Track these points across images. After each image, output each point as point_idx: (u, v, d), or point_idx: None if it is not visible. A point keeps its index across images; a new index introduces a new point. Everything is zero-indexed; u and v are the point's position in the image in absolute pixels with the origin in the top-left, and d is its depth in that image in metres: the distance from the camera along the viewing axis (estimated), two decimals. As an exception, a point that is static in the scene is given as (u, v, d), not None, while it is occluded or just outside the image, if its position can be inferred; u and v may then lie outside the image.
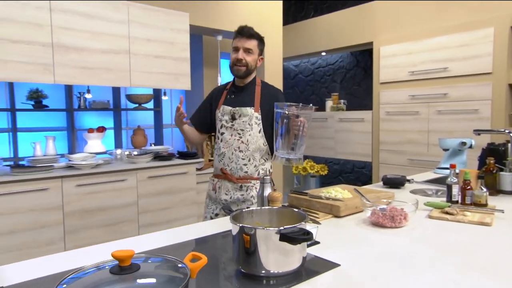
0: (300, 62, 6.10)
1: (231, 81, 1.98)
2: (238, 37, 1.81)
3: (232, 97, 1.91)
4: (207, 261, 0.84)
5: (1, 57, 2.56)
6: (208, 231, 1.36)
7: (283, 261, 0.92)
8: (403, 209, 1.38)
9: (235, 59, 1.81)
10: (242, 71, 1.82)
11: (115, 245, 1.22)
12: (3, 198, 2.50)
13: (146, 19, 3.19)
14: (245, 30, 1.80)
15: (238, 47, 1.80)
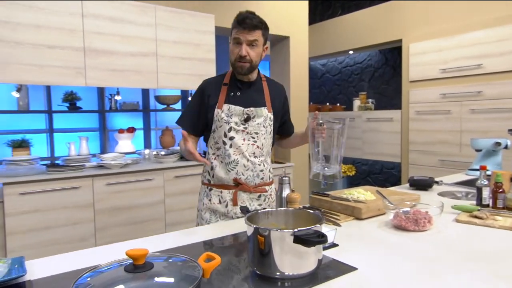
0: (327, 61, 6.03)
1: (227, 73, 1.69)
2: (238, 27, 1.51)
3: (238, 94, 1.63)
4: (220, 262, 0.85)
5: (38, 62, 2.70)
6: (225, 232, 1.37)
7: (298, 263, 0.92)
8: (427, 212, 1.34)
9: (237, 55, 1.54)
10: (245, 67, 1.56)
11: (136, 243, 1.26)
12: (39, 196, 2.64)
13: (172, 21, 3.26)
14: (247, 22, 1.49)
15: (240, 40, 1.52)
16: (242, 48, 1.52)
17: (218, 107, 1.61)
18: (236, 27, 1.52)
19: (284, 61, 4.27)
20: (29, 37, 2.65)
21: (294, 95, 4.23)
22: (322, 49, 5.48)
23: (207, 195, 1.68)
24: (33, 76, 2.68)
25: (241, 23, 1.50)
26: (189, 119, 1.68)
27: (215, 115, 1.61)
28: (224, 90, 1.64)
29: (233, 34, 1.55)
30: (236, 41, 1.54)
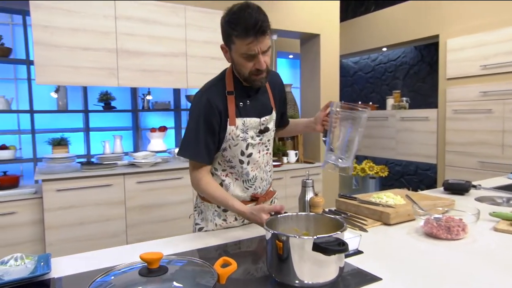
0: (359, 59, 5.87)
1: (226, 78, 1.36)
2: (248, 38, 1.17)
3: (248, 102, 1.37)
4: (236, 267, 0.84)
5: (74, 64, 2.81)
6: (243, 235, 1.35)
7: (317, 272, 0.88)
8: (461, 220, 1.25)
9: (252, 68, 1.25)
10: (264, 79, 1.30)
11: (156, 243, 1.27)
12: (74, 192, 2.75)
13: (202, 21, 3.28)
14: (259, 26, 1.16)
15: (255, 52, 1.20)
16: (260, 61, 1.22)
17: (231, 124, 1.33)
18: (244, 37, 1.17)
19: (314, 59, 4.19)
20: (66, 40, 2.77)
21: (324, 94, 4.15)
22: (354, 46, 5.34)
23: (219, 215, 1.46)
24: (69, 77, 2.80)
25: (252, 30, 1.16)
26: (204, 149, 1.32)
27: (228, 133, 1.33)
28: (232, 100, 1.33)
29: (239, 45, 1.20)
30: (248, 55, 1.22)
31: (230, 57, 1.29)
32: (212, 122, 1.31)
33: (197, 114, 1.32)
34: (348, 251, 0.85)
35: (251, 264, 1.10)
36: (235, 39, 1.20)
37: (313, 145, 4.28)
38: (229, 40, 1.23)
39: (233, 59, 1.28)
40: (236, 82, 1.35)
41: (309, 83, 4.29)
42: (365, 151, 5.13)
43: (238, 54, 1.23)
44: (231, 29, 1.19)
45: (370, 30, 5.07)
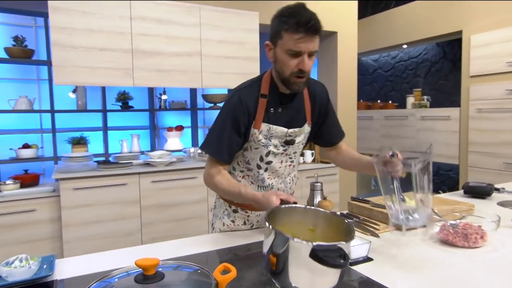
0: (379, 56, 5.74)
1: (263, 80, 1.33)
2: (298, 34, 1.13)
3: (279, 110, 1.32)
4: (236, 275, 0.81)
5: (91, 64, 2.85)
6: (249, 240, 1.33)
7: (313, 280, 0.83)
8: (480, 226, 1.19)
9: (295, 68, 1.20)
10: (303, 83, 1.25)
11: (161, 246, 1.26)
12: (90, 191, 2.79)
13: (216, 21, 3.27)
14: (311, 24, 1.13)
15: (301, 50, 1.16)
16: (304, 61, 1.18)
17: (255, 127, 1.30)
18: (295, 32, 1.14)
19: (331, 57, 4.12)
20: (83, 41, 2.81)
21: (341, 92, 4.08)
22: (374, 43, 5.22)
23: (229, 215, 1.44)
24: (85, 77, 2.84)
25: (303, 26, 1.13)
26: (225, 150, 1.29)
27: (251, 135, 1.32)
28: (263, 104, 1.30)
29: (287, 41, 1.16)
30: (294, 52, 1.17)
31: (274, 55, 1.25)
32: (239, 122, 1.28)
33: (226, 112, 1.30)
34: (346, 266, 0.79)
35: (254, 270, 1.07)
36: (284, 34, 1.17)
37: (330, 145, 4.21)
38: (277, 35, 1.20)
39: (277, 57, 1.24)
40: (272, 87, 1.32)
41: (326, 81, 4.22)
42: (384, 151, 5.01)
43: (283, 50, 1.19)
44: (283, 23, 1.17)
45: (390, 26, 4.94)
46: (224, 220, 1.45)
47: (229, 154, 1.31)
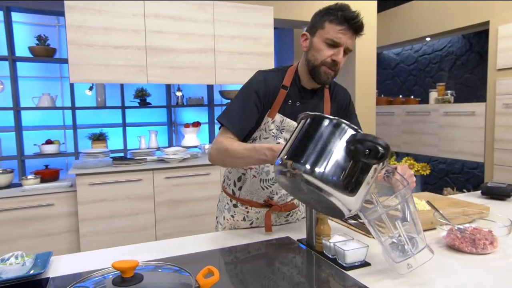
0: (401, 50, 5.55)
1: (288, 72, 1.33)
2: (342, 26, 1.17)
3: (297, 104, 1.32)
4: (218, 278, 0.79)
5: (105, 62, 2.89)
6: (249, 239, 1.30)
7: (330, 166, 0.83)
8: (491, 231, 1.11)
9: (328, 58, 1.21)
10: (331, 76, 1.25)
11: (157, 244, 1.26)
12: (106, 186, 2.85)
13: (230, 16, 3.25)
14: (356, 21, 1.18)
15: (340, 41, 1.19)
16: (339, 54, 1.20)
17: (270, 115, 1.30)
18: (339, 23, 1.17)
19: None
20: (98, 39, 2.85)
21: (360, 87, 3.97)
22: (395, 37, 5.05)
23: (229, 209, 1.43)
24: (100, 75, 2.89)
25: (349, 20, 1.17)
26: (240, 121, 1.27)
27: (263, 123, 1.31)
28: (282, 94, 1.30)
29: (329, 30, 1.18)
30: (333, 42, 1.19)
31: (309, 44, 1.26)
32: (259, 97, 1.28)
33: (249, 88, 1.30)
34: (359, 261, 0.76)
35: (250, 272, 1.05)
36: (327, 24, 1.19)
37: (347, 141, 4.12)
38: (319, 24, 1.22)
39: (313, 45, 1.24)
40: (295, 80, 1.33)
41: (344, 76, 4.12)
42: (406, 148, 4.85)
43: (322, 39, 1.21)
44: (329, 14, 1.20)
45: (412, 19, 4.76)
46: (224, 214, 1.45)
47: (242, 126, 1.28)
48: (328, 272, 1.00)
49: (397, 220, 0.91)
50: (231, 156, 1.20)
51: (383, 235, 0.94)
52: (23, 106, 3.40)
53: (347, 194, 0.83)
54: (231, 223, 1.44)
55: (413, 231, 0.94)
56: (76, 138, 3.64)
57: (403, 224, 0.94)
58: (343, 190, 0.83)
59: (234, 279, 1.00)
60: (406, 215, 0.95)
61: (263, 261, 1.13)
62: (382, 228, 0.94)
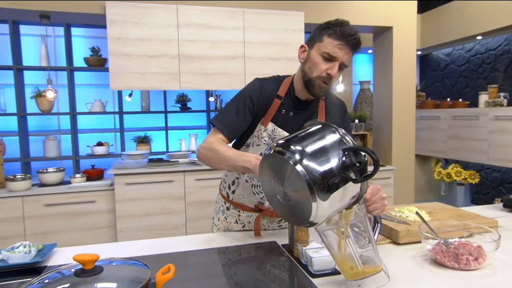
0: (452, 50, 5.21)
1: (284, 82, 1.35)
2: (340, 41, 1.19)
3: (290, 114, 1.34)
4: (172, 276, 0.85)
5: (141, 70, 3.11)
6: (237, 241, 1.34)
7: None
8: (480, 247, 1.05)
9: (323, 72, 1.22)
10: (325, 90, 1.26)
11: (154, 242, 1.35)
12: (141, 186, 3.05)
13: (260, 23, 3.31)
14: (354, 38, 1.20)
15: (337, 56, 1.20)
16: (335, 68, 1.22)
17: (263, 123, 1.32)
18: (337, 38, 1.20)
19: (386, 54, 3.88)
20: (135, 50, 3.08)
21: (398, 90, 3.82)
22: (444, 36, 4.76)
23: (223, 211, 1.49)
24: (137, 82, 3.11)
25: (346, 36, 1.19)
26: (232, 124, 1.30)
27: (256, 130, 1.34)
28: (276, 104, 1.32)
29: (327, 44, 1.21)
30: (329, 56, 1.21)
31: (306, 56, 1.28)
32: (253, 103, 1.31)
33: (244, 93, 1.33)
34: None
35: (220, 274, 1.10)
36: (326, 38, 1.21)
37: (384, 146, 3.98)
38: (318, 38, 1.24)
39: (309, 57, 1.26)
40: (289, 90, 1.35)
41: (381, 79, 3.99)
42: (452, 154, 4.55)
43: (319, 52, 1.23)
44: (328, 28, 1.22)
45: (461, 16, 4.46)
46: (219, 216, 1.51)
47: (234, 130, 1.30)
48: (295, 278, 1.02)
49: (348, 239, 0.89)
50: (217, 158, 1.22)
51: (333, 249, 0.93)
52: (78, 111, 3.76)
53: (322, 193, 0.82)
54: (225, 225, 1.49)
55: (370, 253, 0.92)
56: (123, 141, 3.94)
57: (359, 244, 0.92)
58: (320, 187, 0.81)
59: (197, 277, 1.05)
60: (363, 236, 0.93)
61: (239, 263, 1.18)
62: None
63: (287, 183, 0.88)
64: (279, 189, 0.91)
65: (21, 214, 2.93)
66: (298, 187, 0.84)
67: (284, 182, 0.89)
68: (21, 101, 3.53)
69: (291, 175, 0.85)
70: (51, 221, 2.98)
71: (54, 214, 2.98)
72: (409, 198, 3.93)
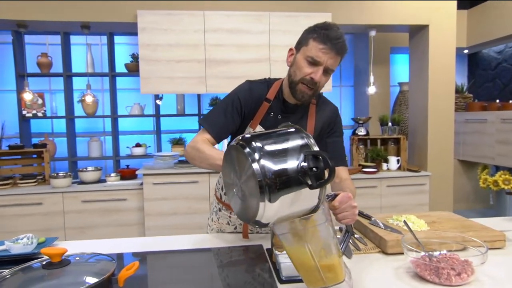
0: (504, 47, 4.82)
1: (274, 85, 1.35)
2: (324, 45, 1.17)
3: (279, 117, 1.33)
4: (133, 273, 0.89)
5: (170, 75, 3.24)
6: (225, 243, 1.36)
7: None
8: (467, 261, 0.97)
9: (307, 76, 1.22)
10: (308, 95, 1.26)
11: (151, 240, 1.41)
12: (167, 186, 3.18)
13: (286, 25, 3.31)
14: (340, 43, 1.18)
15: (321, 60, 1.19)
16: (319, 72, 1.20)
17: (252, 126, 1.32)
18: (321, 42, 1.18)
19: (422, 54, 3.68)
20: (164, 55, 3.21)
21: (434, 91, 3.60)
22: (494, 32, 4.41)
23: (216, 212, 1.53)
24: (166, 86, 3.24)
25: (330, 41, 1.17)
26: (221, 122, 1.30)
27: (245, 133, 1.31)
28: (265, 107, 1.33)
29: (311, 48, 1.19)
30: (313, 60, 1.20)
31: (293, 60, 1.28)
32: (241, 105, 1.31)
33: (233, 94, 1.35)
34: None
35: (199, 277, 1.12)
36: (311, 41, 1.20)
37: (419, 150, 3.77)
38: (304, 41, 1.24)
39: (295, 61, 1.26)
40: (279, 95, 1.35)
41: (417, 80, 3.79)
42: (501, 161, 4.19)
43: (304, 56, 1.22)
44: (313, 32, 1.21)
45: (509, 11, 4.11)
46: (213, 216, 1.55)
47: (221, 131, 1.30)
48: (264, 283, 1.01)
49: (307, 244, 0.87)
50: (199, 156, 1.22)
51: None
52: (119, 114, 4.00)
53: (273, 194, 0.79)
54: (218, 225, 1.52)
55: (334, 260, 0.89)
56: (159, 142, 4.12)
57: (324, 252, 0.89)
58: (271, 187, 0.78)
59: (173, 276, 1.09)
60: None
61: (221, 266, 1.19)
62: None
63: (243, 177, 0.85)
64: (235, 181, 0.89)
65: (62, 208, 3.18)
66: (251, 183, 0.81)
67: (241, 176, 0.86)
68: (70, 105, 3.84)
69: (248, 171, 0.82)
70: (87, 216, 3.20)
71: (90, 210, 3.20)
72: (447, 207, 3.68)
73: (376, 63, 4.27)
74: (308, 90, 1.24)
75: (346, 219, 1.01)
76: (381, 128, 3.86)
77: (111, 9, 3.23)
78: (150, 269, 1.15)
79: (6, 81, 4.10)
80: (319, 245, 0.87)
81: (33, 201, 3.14)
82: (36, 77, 3.87)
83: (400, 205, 3.50)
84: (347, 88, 4.83)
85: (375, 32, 3.65)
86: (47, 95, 4.09)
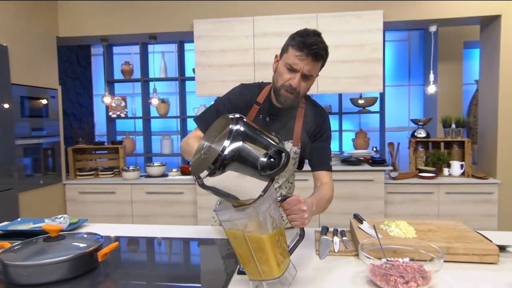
0: None
1: (264, 89, 1.43)
2: (301, 52, 1.23)
3: (267, 120, 1.39)
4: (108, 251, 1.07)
5: (222, 78, 3.47)
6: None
7: None
8: (421, 267, 0.95)
9: (286, 82, 1.27)
10: (290, 100, 1.31)
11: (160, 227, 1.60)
12: (217, 182, 3.40)
13: (333, 26, 3.28)
14: (314, 50, 1.22)
15: (297, 68, 1.24)
16: (296, 79, 1.26)
17: None
18: (298, 49, 1.23)
19: (492, 47, 3.31)
20: (217, 60, 3.45)
21: (506, 91, 3.21)
22: None
23: (217, 206, 1.60)
24: (218, 89, 3.48)
25: (306, 48, 1.22)
26: (211, 123, 1.31)
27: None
28: (255, 109, 1.40)
29: (290, 55, 1.26)
30: (290, 67, 1.26)
31: (276, 67, 1.36)
32: (232, 106, 1.39)
33: (225, 96, 1.44)
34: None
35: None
36: (290, 49, 1.27)
37: (489, 156, 3.39)
38: (285, 49, 1.32)
39: (277, 67, 1.34)
40: (268, 98, 1.42)
41: (488, 77, 3.41)
42: None
43: (284, 63, 1.29)
44: (292, 39, 1.28)
45: None
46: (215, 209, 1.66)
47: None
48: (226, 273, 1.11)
49: (244, 233, 0.93)
50: (189, 150, 1.28)
51: None
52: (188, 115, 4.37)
53: (226, 157, 0.83)
54: (216, 219, 1.63)
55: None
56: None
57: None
58: (227, 156, 0.82)
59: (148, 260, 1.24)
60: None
61: (200, 254, 1.32)
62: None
63: (217, 139, 0.90)
64: (208, 144, 0.94)
65: (130, 198, 3.64)
66: (218, 146, 0.85)
67: (215, 138, 0.91)
68: (146, 106, 4.33)
69: (223, 136, 0.86)
70: (151, 206, 3.60)
71: (153, 200, 3.59)
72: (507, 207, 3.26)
73: (446, 59, 3.95)
74: (290, 95, 1.29)
75: (295, 221, 1.04)
76: (444, 130, 3.57)
77: (171, 20, 3.57)
78: (133, 253, 1.35)
79: (99, 87, 4.81)
80: (256, 236, 0.93)
81: (108, 190, 3.64)
82: (120, 82, 4.44)
83: (461, 214, 3.21)
84: (416, 87, 4.53)
85: (436, 27, 3.39)
86: (129, 98, 4.66)
